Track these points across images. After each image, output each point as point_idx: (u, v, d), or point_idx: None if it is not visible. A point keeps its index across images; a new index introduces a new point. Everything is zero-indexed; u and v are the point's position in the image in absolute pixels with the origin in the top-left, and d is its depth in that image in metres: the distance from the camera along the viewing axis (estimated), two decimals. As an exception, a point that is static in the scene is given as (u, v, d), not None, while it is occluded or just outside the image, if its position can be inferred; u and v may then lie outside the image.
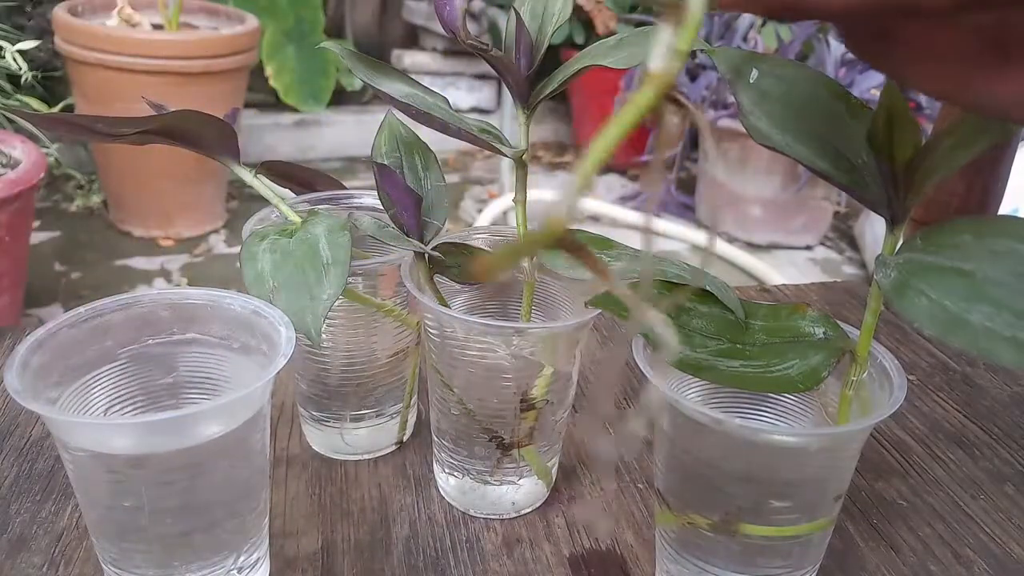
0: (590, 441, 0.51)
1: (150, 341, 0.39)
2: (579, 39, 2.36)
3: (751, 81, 0.34)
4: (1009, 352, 0.25)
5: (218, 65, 1.82)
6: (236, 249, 1.86)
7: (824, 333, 0.36)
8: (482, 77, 2.74)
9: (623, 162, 2.50)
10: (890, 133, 0.29)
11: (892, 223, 0.33)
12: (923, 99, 1.80)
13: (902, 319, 0.68)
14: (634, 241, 0.39)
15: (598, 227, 2.02)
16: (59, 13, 1.80)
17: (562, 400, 0.44)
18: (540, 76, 0.41)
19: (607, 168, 2.54)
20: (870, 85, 1.87)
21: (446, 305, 0.43)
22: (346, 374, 0.48)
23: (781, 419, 0.40)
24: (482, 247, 0.46)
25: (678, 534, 0.38)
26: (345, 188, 0.51)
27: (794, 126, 0.33)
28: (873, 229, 2.02)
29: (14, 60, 1.52)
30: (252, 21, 1.98)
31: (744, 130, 0.34)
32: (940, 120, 0.69)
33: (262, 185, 0.44)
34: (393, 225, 0.43)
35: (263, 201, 0.44)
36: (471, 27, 0.39)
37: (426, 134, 0.46)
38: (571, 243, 0.18)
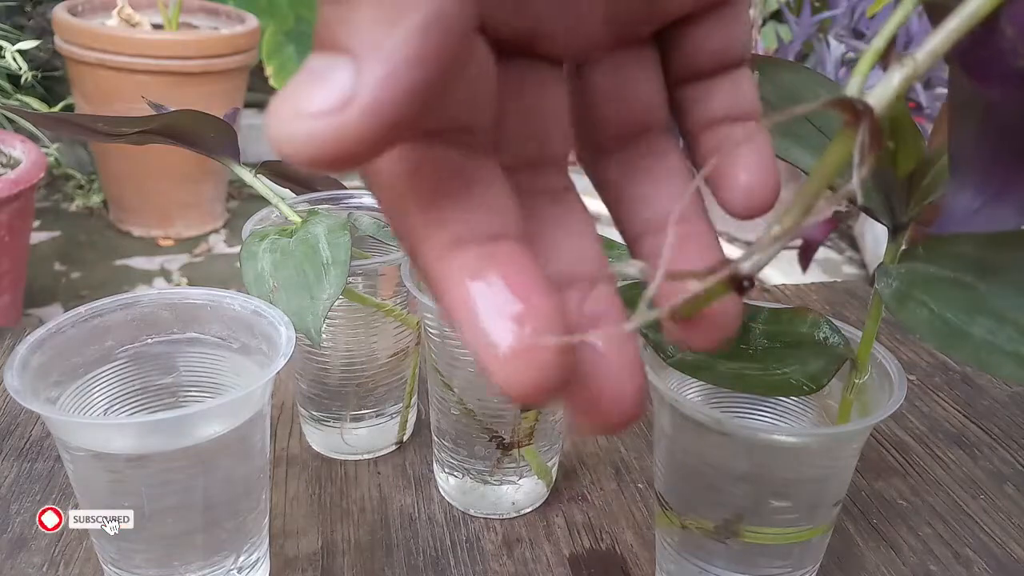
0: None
1: (150, 341, 0.39)
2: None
3: None
4: (1010, 366, 0.24)
5: (218, 65, 1.82)
6: (236, 249, 1.86)
7: (825, 339, 0.36)
8: (482, 77, 2.74)
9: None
10: (893, 143, 0.29)
11: (894, 231, 0.32)
12: (923, 99, 1.80)
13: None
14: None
15: (598, 227, 2.01)
16: (59, 13, 1.80)
17: (562, 400, 0.44)
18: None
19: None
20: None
21: (446, 305, 0.43)
22: (346, 374, 0.48)
23: (781, 419, 0.40)
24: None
25: (678, 534, 0.38)
26: (345, 188, 0.51)
27: (793, 131, 0.33)
28: (873, 229, 2.02)
29: (14, 60, 1.52)
30: (252, 21, 1.98)
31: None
32: (936, 130, 0.68)
33: (262, 185, 0.44)
34: (393, 225, 0.43)
35: (263, 201, 0.44)
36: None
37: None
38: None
